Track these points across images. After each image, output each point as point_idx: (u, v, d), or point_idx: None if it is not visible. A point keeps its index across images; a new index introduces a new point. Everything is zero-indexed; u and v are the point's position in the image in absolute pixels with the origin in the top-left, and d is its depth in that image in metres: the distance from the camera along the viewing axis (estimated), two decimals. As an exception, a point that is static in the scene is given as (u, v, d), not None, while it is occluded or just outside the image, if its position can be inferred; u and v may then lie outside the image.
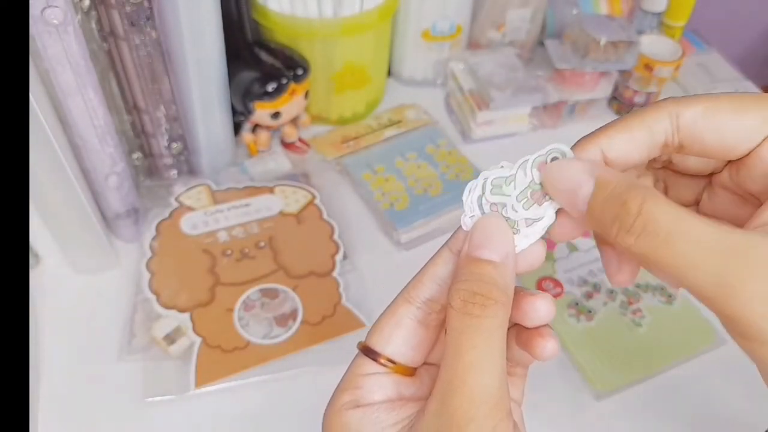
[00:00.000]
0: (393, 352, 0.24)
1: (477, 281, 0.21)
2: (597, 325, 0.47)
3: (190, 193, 0.52)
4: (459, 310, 0.21)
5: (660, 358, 0.46)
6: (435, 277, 0.24)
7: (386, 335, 0.24)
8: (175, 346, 0.43)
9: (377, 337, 0.24)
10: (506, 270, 0.22)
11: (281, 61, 0.55)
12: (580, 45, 0.62)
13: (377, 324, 0.25)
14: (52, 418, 0.41)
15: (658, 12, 0.68)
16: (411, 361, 0.24)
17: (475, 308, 0.21)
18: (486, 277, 0.22)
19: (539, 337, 0.23)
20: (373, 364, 0.24)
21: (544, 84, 0.62)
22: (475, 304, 0.21)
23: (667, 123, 0.21)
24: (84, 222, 0.46)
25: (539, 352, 0.23)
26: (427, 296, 0.24)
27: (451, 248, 0.24)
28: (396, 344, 0.24)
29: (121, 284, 0.48)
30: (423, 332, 0.24)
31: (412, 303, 0.24)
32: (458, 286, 0.22)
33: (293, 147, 0.60)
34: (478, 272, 0.22)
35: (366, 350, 0.24)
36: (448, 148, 0.61)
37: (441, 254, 0.24)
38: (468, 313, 0.21)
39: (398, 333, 0.24)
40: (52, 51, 0.38)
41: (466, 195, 0.24)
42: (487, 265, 0.22)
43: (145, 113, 0.50)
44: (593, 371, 0.45)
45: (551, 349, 0.23)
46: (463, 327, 0.21)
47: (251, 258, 0.49)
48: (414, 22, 0.65)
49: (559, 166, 0.21)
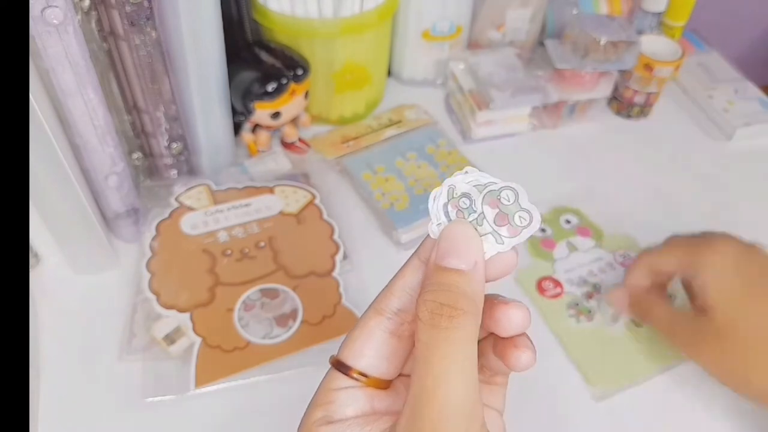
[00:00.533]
0: (365, 365, 0.24)
1: (444, 291, 0.21)
2: (597, 325, 0.47)
3: (190, 193, 0.52)
4: (426, 322, 0.21)
5: (660, 359, 0.46)
6: (405, 286, 0.24)
7: (358, 348, 0.24)
8: (175, 346, 0.43)
9: (349, 351, 0.24)
10: (475, 278, 0.22)
11: (281, 61, 0.55)
12: (580, 45, 0.62)
13: (349, 337, 0.24)
14: (52, 418, 0.41)
15: (658, 12, 0.68)
16: (385, 373, 0.24)
17: (443, 320, 0.21)
18: (453, 287, 0.21)
19: (513, 347, 0.23)
20: (345, 379, 0.24)
21: (544, 84, 0.62)
22: (442, 315, 0.21)
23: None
24: (84, 222, 0.46)
25: (513, 363, 0.23)
26: (398, 307, 0.24)
27: (419, 257, 0.24)
28: (368, 357, 0.24)
29: (121, 284, 0.48)
30: (395, 343, 0.24)
31: (382, 314, 0.24)
32: (425, 297, 0.21)
33: (293, 147, 0.61)
34: (445, 282, 0.21)
35: (337, 364, 0.24)
36: (448, 148, 0.61)
37: (410, 263, 0.24)
38: (435, 325, 0.21)
39: (370, 345, 0.24)
40: (52, 51, 0.38)
41: (431, 202, 0.23)
42: (455, 274, 0.21)
43: (145, 113, 0.50)
44: (593, 371, 0.45)
45: (526, 360, 0.23)
46: (430, 339, 0.21)
47: (251, 258, 0.49)
48: (414, 22, 0.65)
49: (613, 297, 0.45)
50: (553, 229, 0.54)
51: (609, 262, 0.52)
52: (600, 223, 0.55)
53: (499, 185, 0.22)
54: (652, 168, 0.63)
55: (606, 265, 0.51)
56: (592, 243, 0.53)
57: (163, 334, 0.44)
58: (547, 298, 0.49)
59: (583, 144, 0.65)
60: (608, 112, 0.69)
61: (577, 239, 0.53)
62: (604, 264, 0.52)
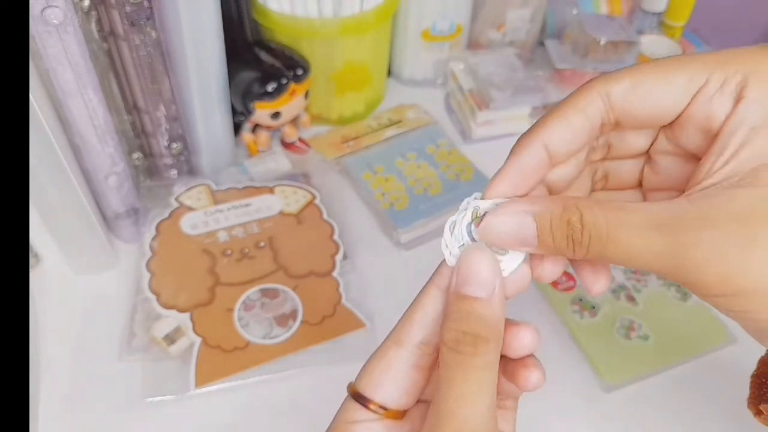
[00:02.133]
0: (384, 398, 0.23)
1: (466, 320, 0.21)
2: (601, 320, 0.47)
3: (190, 193, 0.52)
4: (451, 348, 0.21)
5: (670, 354, 0.46)
6: (425, 318, 0.24)
7: (376, 380, 0.24)
8: (175, 346, 0.43)
9: (367, 381, 0.24)
10: (494, 305, 0.22)
11: (281, 61, 0.55)
12: (580, 45, 0.62)
13: (367, 367, 0.24)
14: (52, 417, 0.41)
15: (658, 12, 0.68)
16: (403, 404, 0.24)
17: (466, 347, 0.21)
18: (474, 315, 0.22)
19: (524, 368, 0.23)
20: (363, 411, 0.23)
21: (544, 84, 0.62)
22: (465, 343, 0.21)
23: (599, 103, 0.22)
24: (84, 222, 0.46)
25: (523, 383, 0.23)
26: (419, 339, 0.24)
27: (437, 285, 0.24)
28: (387, 389, 0.23)
29: (121, 284, 0.48)
30: (416, 375, 0.24)
31: (402, 346, 0.24)
32: (449, 325, 0.22)
33: (293, 147, 0.61)
34: (466, 310, 0.22)
35: (356, 395, 0.24)
36: (448, 148, 0.61)
37: (428, 293, 0.24)
38: (460, 351, 0.21)
39: (389, 377, 0.24)
40: (52, 51, 0.38)
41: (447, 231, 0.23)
42: (475, 302, 0.22)
43: (145, 113, 0.50)
44: (603, 363, 0.45)
45: (536, 380, 0.23)
46: (455, 363, 0.21)
47: (251, 258, 0.49)
48: (414, 22, 0.65)
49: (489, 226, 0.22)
50: None
51: None
52: None
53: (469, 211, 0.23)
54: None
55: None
56: None
57: (163, 334, 0.44)
58: (560, 291, 0.49)
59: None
60: (608, 112, 0.69)
61: None
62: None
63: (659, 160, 0.24)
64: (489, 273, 0.22)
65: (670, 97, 0.21)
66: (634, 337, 0.47)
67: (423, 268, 0.55)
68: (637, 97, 0.21)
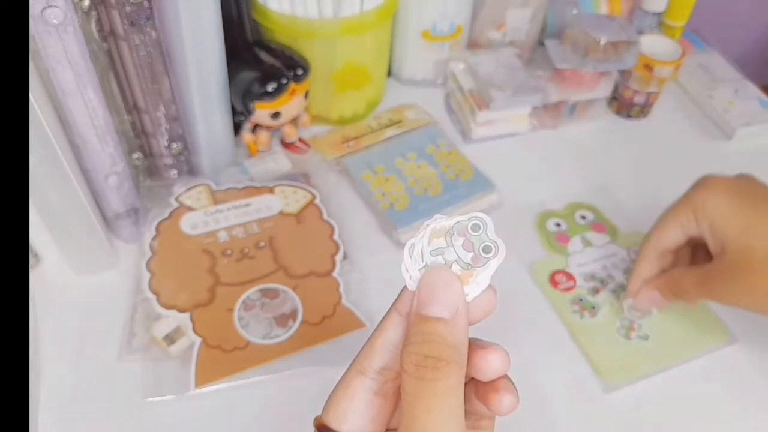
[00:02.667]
0: (350, 429, 0.23)
1: (427, 342, 0.21)
2: (602, 320, 0.48)
3: (190, 193, 0.52)
4: (412, 375, 0.21)
5: (670, 354, 0.46)
6: (386, 343, 0.23)
7: (341, 411, 0.23)
8: (175, 346, 0.43)
9: (333, 413, 0.23)
10: (457, 326, 0.21)
11: (281, 61, 0.55)
12: (580, 45, 0.62)
13: (332, 398, 0.24)
14: (52, 418, 0.41)
15: (658, 12, 0.68)
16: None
17: (428, 372, 0.20)
18: (436, 337, 0.21)
19: (494, 392, 0.22)
20: None
21: (544, 84, 0.62)
22: (426, 367, 0.20)
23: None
24: (84, 222, 0.46)
25: (495, 407, 0.22)
26: (380, 365, 0.23)
27: (398, 310, 0.23)
28: (352, 420, 0.23)
29: (121, 284, 0.48)
30: (380, 403, 0.23)
31: (365, 374, 0.23)
32: (409, 349, 0.21)
33: (293, 147, 0.61)
34: (427, 332, 0.21)
35: (321, 428, 0.23)
36: (448, 148, 0.61)
37: (389, 318, 0.24)
38: (420, 377, 0.20)
39: (354, 408, 0.23)
40: (52, 51, 0.38)
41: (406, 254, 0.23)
42: (437, 323, 0.21)
43: (145, 113, 0.50)
44: (602, 363, 0.45)
45: (508, 404, 0.22)
46: (416, 391, 0.20)
47: (251, 258, 0.49)
48: (414, 22, 0.65)
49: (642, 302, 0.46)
50: (569, 224, 0.55)
51: (622, 257, 0.52)
52: (615, 220, 0.55)
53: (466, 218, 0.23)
54: (652, 168, 0.63)
55: (619, 261, 0.52)
56: (607, 239, 0.54)
57: (163, 334, 0.44)
58: (560, 291, 0.49)
59: (584, 144, 0.65)
60: (608, 112, 0.69)
61: (591, 235, 0.54)
62: (617, 260, 0.52)
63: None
64: (452, 291, 0.22)
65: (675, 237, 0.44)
66: (634, 337, 0.47)
67: (423, 268, 0.55)
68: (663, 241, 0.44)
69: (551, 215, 0.55)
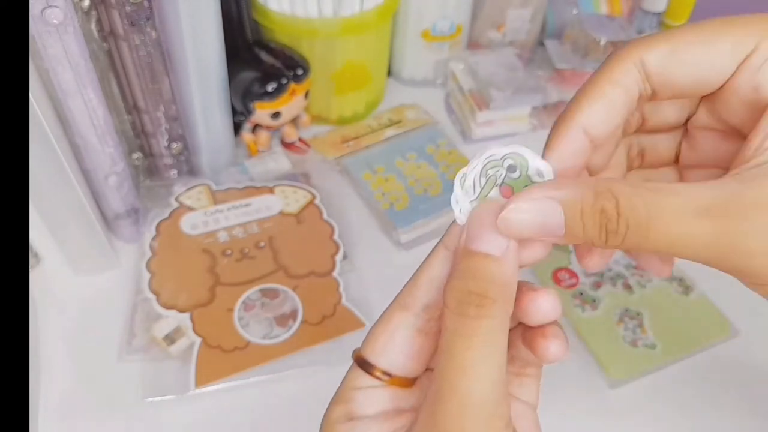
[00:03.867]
0: (389, 364, 0.22)
1: (472, 278, 0.19)
2: (602, 314, 0.48)
3: (190, 193, 0.52)
4: (453, 311, 0.19)
5: (674, 350, 0.46)
6: (431, 279, 0.22)
7: (380, 346, 0.22)
8: (175, 346, 0.43)
9: (371, 347, 0.22)
10: (506, 264, 0.20)
11: (281, 61, 0.55)
12: (580, 45, 0.62)
13: (372, 332, 0.23)
14: (52, 418, 0.41)
15: (658, 12, 0.68)
16: (410, 371, 0.22)
17: (471, 308, 0.19)
18: (482, 273, 0.19)
19: (542, 337, 0.21)
20: (367, 377, 0.22)
21: (544, 84, 0.62)
22: (470, 303, 0.19)
23: (635, 72, 0.20)
24: (84, 222, 0.46)
25: (542, 353, 0.21)
26: (425, 302, 0.22)
27: (446, 245, 0.22)
28: (392, 355, 0.22)
29: (121, 284, 0.48)
30: (422, 341, 0.22)
31: (408, 310, 0.22)
32: (452, 283, 0.20)
33: (293, 147, 0.60)
34: (473, 267, 0.20)
35: (360, 361, 0.23)
36: (448, 148, 0.61)
37: (436, 253, 0.22)
38: (463, 313, 0.19)
39: (394, 343, 0.22)
40: (52, 51, 0.38)
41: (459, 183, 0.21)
42: (485, 259, 0.19)
43: (145, 113, 0.50)
44: (608, 359, 0.45)
45: (555, 350, 0.21)
46: (457, 328, 0.19)
47: (251, 258, 0.49)
48: (414, 22, 0.65)
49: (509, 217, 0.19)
50: None
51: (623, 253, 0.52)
52: None
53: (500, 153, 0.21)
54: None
55: (620, 256, 0.52)
56: None
57: (163, 334, 0.44)
58: (563, 288, 0.49)
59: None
60: (608, 112, 0.69)
61: None
62: (618, 255, 0.52)
63: (698, 135, 0.23)
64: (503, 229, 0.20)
65: (713, 64, 0.19)
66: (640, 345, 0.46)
67: (423, 268, 0.55)
68: (676, 64, 0.19)
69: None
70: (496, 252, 0.20)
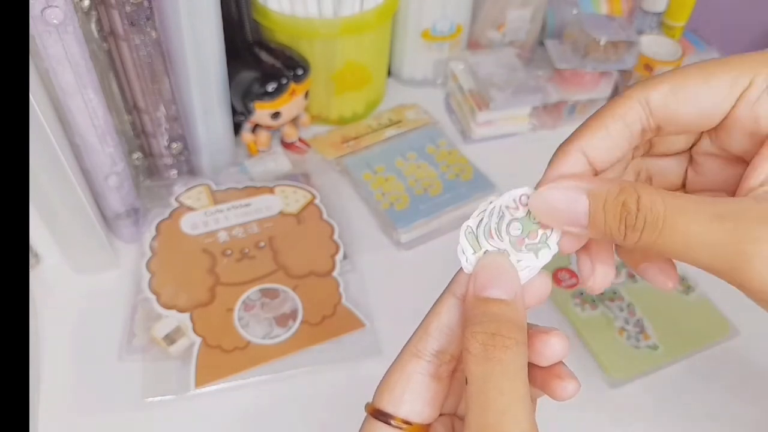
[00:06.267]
0: (407, 412, 0.23)
1: (493, 322, 0.20)
2: (602, 314, 0.48)
3: (190, 193, 0.52)
4: (479, 356, 0.20)
5: (674, 350, 0.46)
6: (441, 326, 0.23)
7: (398, 394, 0.23)
8: (175, 346, 0.43)
9: (388, 397, 0.23)
10: (518, 307, 0.21)
11: (281, 61, 0.55)
12: (580, 45, 0.62)
13: (386, 383, 0.23)
14: (52, 418, 0.41)
15: (658, 12, 0.68)
16: (426, 418, 0.23)
17: (496, 351, 0.20)
18: (501, 317, 0.21)
19: (558, 378, 0.22)
20: (386, 428, 0.23)
21: (544, 84, 0.62)
22: (495, 346, 0.20)
23: (639, 110, 0.21)
24: (84, 222, 0.46)
25: (560, 393, 0.22)
26: (436, 348, 0.23)
27: (454, 293, 0.23)
28: (409, 403, 0.23)
29: (121, 284, 0.48)
30: (436, 386, 0.23)
31: (421, 357, 0.23)
32: (474, 329, 0.21)
33: (293, 147, 0.60)
34: (492, 312, 0.21)
35: (377, 413, 0.23)
36: (448, 148, 0.61)
37: (444, 301, 0.23)
38: (489, 357, 0.20)
39: (410, 390, 0.23)
40: (52, 51, 0.38)
41: (464, 235, 0.23)
42: (499, 304, 0.21)
43: (145, 113, 0.50)
44: (608, 359, 0.45)
45: (572, 389, 0.22)
46: (486, 373, 0.20)
47: (251, 258, 0.49)
48: (414, 22, 0.65)
49: (544, 196, 0.21)
50: None
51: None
52: None
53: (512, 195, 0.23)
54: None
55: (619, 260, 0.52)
56: None
57: (163, 334, 0.44)
58: (563, 288, 0.50)
59: (583, 144, 0.65)
60: (608, 112, 0.69)
61: None
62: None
63: (702, 162, 0.24)
64: (511, 275, 0.22)
65: (712, 100, 0.20)
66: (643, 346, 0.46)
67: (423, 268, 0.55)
68: (678, 101, 0.21)
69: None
70: (508, 296, 0.21)
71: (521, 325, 0.21)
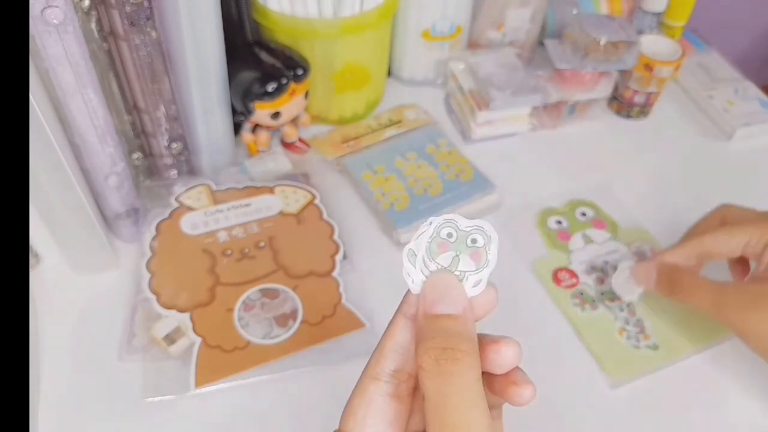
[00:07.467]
0: None
1: (443, 336, 0.21)
2: (602, 314, 0.48)
3: (190, 193, 0.52)
4: (432, 371, 0.21)
5: (674, 350, 0.46)
6: (395, 346, 0.24)
7: (360, 419, 0.23)
8: (175, 346, 0.43)
9: (353, 422, 0.23)
10: (467, 321, 0.22)
11: (281, 61, 0.55)
12: (580, 45, 0.62)
13: (348, 407, 0.24)
14: (52, 418, 0.41)
15: (658, 12, 0.68)
16: None
17: (448, 364, 0.21)
18: (451, 331, 0.21)
19: (514, 385, 0.23)
20: None
21: (544, 84, 0.62)
22: (447, 359, 0.21)
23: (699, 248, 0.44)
24: (84, 222, 0.46)
25: (517, 399, 0.23)
26: (392, 368, 0.24)
27: (404, 314, 0.24)
28: (373, 426, 0.23)
29: (121, 284, 0.48)
30: (396, 405, 0.24)
31: (379, 379, 0.24)
32: (426, 345, 0.21)
33: (293, 147, 0.61)
34: (442, 327, 0.22)
35: None
36: (448, 148, 0.61)
37: (396, 322, 0.24)
38: (442, 371, 0.21)
39: (372, 413, 0.23)
40: (52, 51, 0.38)
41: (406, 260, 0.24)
42: (448, 319, 0.22)
43: (145, 113, 0.50)
44: (608, 359, 0.45)
45: (529, 395, 0.23)
46: (440, 387, 0.21)
47: (251, 258, 0.49)
48: (414, 22, 0.65)
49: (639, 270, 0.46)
50: (569, 221, 0.55)
51: (624, 253, 0.52)
52: (615, 217, 0.56)
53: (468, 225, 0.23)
54: (652, 168, 0.63)
55: (621, 257, 0.52)
56: (608, 235, 0.54)
57: (163, 334, 0.44)
58: (563, 288, 0.50)
59: (584, 144, 0.65)
60: (608, 112, 0.69)
61: (592, 231, 0.54)
62: (619, 256, 0.52)
63: None
64: (458, 291, 0.23)
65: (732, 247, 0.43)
66: (643, 347, 0.46)
67: (423, 268, 0.54)
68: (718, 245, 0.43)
69: (552, 213, 0.55)
70: (456, 311, 0.22)
71: (471, 337, 0.22)
